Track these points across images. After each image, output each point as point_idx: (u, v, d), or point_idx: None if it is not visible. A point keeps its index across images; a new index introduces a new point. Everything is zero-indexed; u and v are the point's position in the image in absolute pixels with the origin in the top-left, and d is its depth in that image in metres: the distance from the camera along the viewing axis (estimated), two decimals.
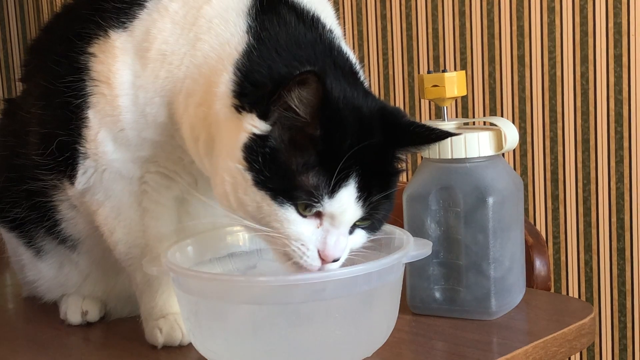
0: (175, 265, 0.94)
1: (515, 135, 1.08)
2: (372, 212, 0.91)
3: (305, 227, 0.88)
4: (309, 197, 0.87)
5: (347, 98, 0.90)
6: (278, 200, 0.87)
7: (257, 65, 0.91)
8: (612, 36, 1.90)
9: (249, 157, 0.88)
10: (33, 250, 1.19)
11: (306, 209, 0.88)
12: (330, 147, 0.87)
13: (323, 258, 0.89)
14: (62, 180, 1.07)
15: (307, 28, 0.96)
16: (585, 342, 1.06)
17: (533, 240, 1.25)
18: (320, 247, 0.89)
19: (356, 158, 0.87)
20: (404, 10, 2.25)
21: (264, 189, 0.87)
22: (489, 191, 1.05)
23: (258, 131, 0.88)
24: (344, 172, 0.87)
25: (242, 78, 0.91)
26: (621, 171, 1.92)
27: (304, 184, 0.87)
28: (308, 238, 0.89)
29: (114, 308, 1.18)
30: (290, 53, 0.92)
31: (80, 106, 1.01)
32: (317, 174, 0.87)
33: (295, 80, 0.84)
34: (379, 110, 0.92)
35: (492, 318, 1.07)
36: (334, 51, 0.96)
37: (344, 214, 0.89)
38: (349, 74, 0.95)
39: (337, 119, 0.88)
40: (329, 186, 0.87)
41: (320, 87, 0.84)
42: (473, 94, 2.14)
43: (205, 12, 0.97)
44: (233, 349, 0.93)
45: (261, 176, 0.87)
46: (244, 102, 0.90)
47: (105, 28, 1.00)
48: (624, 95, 1.89)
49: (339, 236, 0.90)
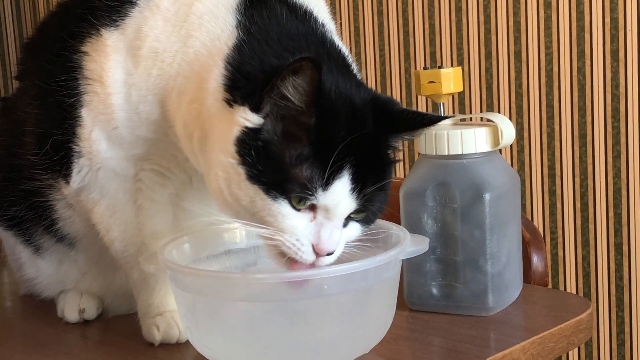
0: (172, 262, 0.93)
1: (511, 131, 1.08)
2: (367, 204, 0.91)
3: (299, 220, 0.88)
4: (303, 190, 0.87)
5: (340, 88, 0.89)
6: (271, 194, 0.87)
7: (248, 58, 0.91)
8: (608, 31, 1.90)
9: (241, 151, 0.87)
10: (32, 248, 1.19)
11: (300, 202, 0.88)
12: (324, 138, 0.87)
13: (317, 252, 0.89)
14: (58, 180, 1.06)
15: (300, 21, 0.96)
16: (583, 337, 1.06)
17: (530, 235, 1.25)
18: (314, 241, 0.89)
19: (350, 149, 0.87)
20: (400, 6, 2.25)
21: (257, 183, 0.87)
22: (485, 187, 1.05)
23: (250, 124, 0.88)
24: (337, 164, 0.86)
25: (234, 72, 0.91)
26: (618, 166, 1.92)
27: (297, 177, 0.86)
28: (301, 232, 0.88)
29: (111, 305, 1.18)
30: (281, 45, 0.92)
31: (74, 105, 1.01)
32: (311, 166, 0.86)
33: (289, 68, 0.83)
34: (372, 99, 0.92)
35: (489, 314, 1.07)
36: (327, 43, 0.96)
37: (338, 207, 0.89)
38: (342, 66, 0.94)
39: (332, 108, 0.87)
40: (323, 178, 0.86)
41: (315, 74, 0.84)
42: (470, 90, 2.14)
43: (196, 9, 0.97)
44: (230, 346, 0.93)
45: (254, 170, 0.87)
46: (236, 95, 0.90)
47: (97, 27, 1.00)
48: (621, 90, 1.89)
49: (332, 229, 0.89)
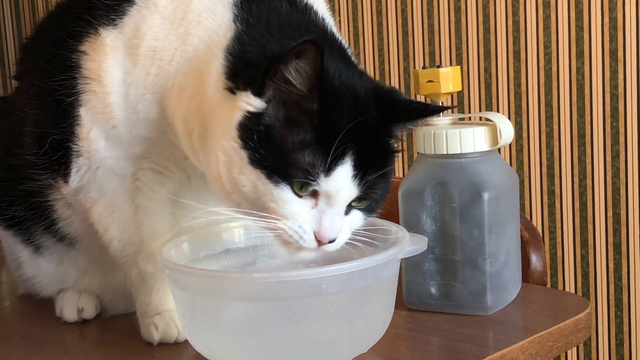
0: (171, 262, 0.93)
1: (510, 130, 1.08)
2: (369, 192, 0.91)
3: (301, 207, 0.88)
4: (305, 175, 0.86)
5: (342, 75, 0.90)
6: (273, 179, 0.87)
7: (249, 46, 0.91)
8: (607, 31, 1.90)
9: (243, 136, 0.87)
10: (32, 247, 1.19)
11: (302, 188, 0.88)
12: (326, 123, 0.86)
13: (319, 239, 0.89)
14: (57, 179, 1.06)
15: (300, 13, 0.96)
16: (581, 337, 1.06)
17: (529, 235, 1.25)
18: (315, 228, 0.89)
19: (352, 135, 0.87)
20: (399, 5, 2.25)
21: (259, 168, 0.87)
22: (484, 186, 1.05)
23: (253, 109, 0.88)
24: (340, 150, 0.86)
25: (235, 60, 0.91)
26: (617, 166, 1.92)
27: (300, 162, 0.86)
28: (303, 218, 0.88)
29: (110, 304, 1.18)
30: (283, 34, 0.92)
31: (72, 104, 1.01)
32: (313, 151, 0.86)
33: (292, 52, 0.83)
34: (374, 88, 0.92)
35: (487, 313, 1.07)
36: (328, 34, 0.96)
37: (340, 193, 0.88)
38: (344, 56, 0.95)
39: (334, 94, 0.87)
40: (325, 164, 0.86)
41: (318, 58, 0.83)
42: (469, 89, 2.14)
43: (194, 7, 0.97)
44: (229, 345, 0.93)
45: (256, 154, 0.87)
46: (238, 81, 0.90)
47: (95, 26, 1.00)
48: (620, 90, 1.89)
49: (334, 216, 0.89)
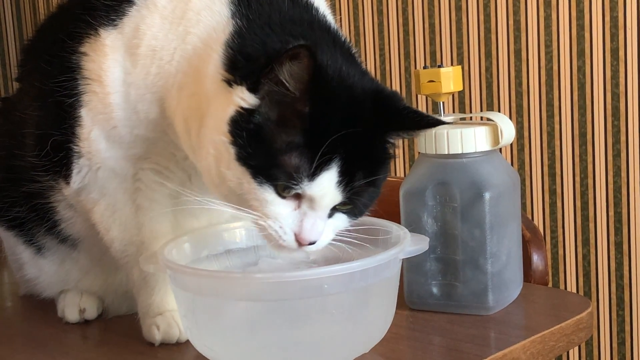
0: (172, 262, 0.93)
1: (511, 130, 1.08)
2: (354, 198, 0.91)
3: (283, 208, 0.88)
4: (288, 179, 0.87)
5: (341, 76, 0.89)
6: (258, 179, 0.87)
7: (249, 40, 0.91)
8: (608, 30, 1.90)
9: (234, 131, 0.87)
10: (34, 248, 1.19)
11: (285, 189, 0.88)
12: (317, 127, 0.86)
13: (299, 241, 0.89)
14: (58, 181, 1.06)
15: (302, 9, 0.96)
16: (583, 336, 1.06)
17: (530, 234, 1.25)
18: (296, 230, 0.89)
19: (342, 141, 0.86)
20: (400, 5, 2.25)
21: (245, 165, 0.87)
22: (485, 186, 1.05)
23: (246, 105, 0.88)
24: (327, 156, 0.86)
25: (234, 53, 0.91)
26: (618, 165, 1.92)
27: (285, 164, 0.86)
28: (285, 219, 0.89)
29: (111, 305, 1.18)
30: (284, 29, 0.92)
31: (73, 105, 1.01)
32: (300, 155, 0.86)
33: (287, 54, 0.83)
34: (374, 91, 0.91)
35: (489, 313, 1.07)
36: (332, 31, 0.96)
37: (324, 198, 0.88)
38: (347, 54, 0.94)
39: (328, 98, 0.87)
40: (310, 169, 0.86)
41: (311, 63, 0.83)
42: (470, 89, 2.14)
43: (193, 5, 0.97)
44: (230, 345, 0.93)
45: (244, 152, 0.87)
46: (236, 74, 0.89)
47: (95, 27, 1.00)
48: (621, 89, 1.89)
49: (316, 219, 0.90)
